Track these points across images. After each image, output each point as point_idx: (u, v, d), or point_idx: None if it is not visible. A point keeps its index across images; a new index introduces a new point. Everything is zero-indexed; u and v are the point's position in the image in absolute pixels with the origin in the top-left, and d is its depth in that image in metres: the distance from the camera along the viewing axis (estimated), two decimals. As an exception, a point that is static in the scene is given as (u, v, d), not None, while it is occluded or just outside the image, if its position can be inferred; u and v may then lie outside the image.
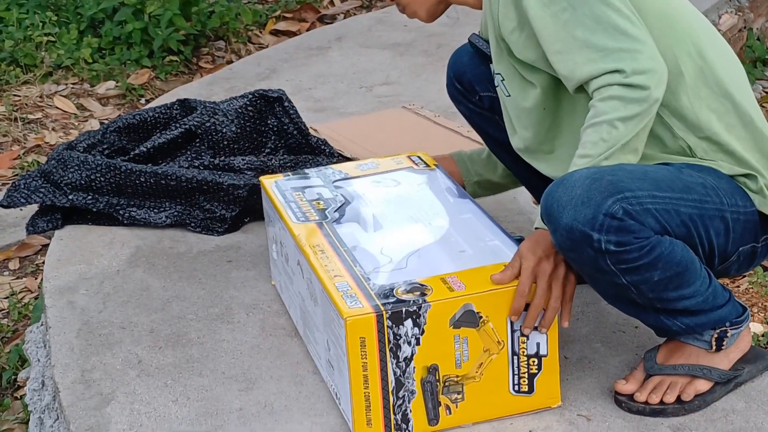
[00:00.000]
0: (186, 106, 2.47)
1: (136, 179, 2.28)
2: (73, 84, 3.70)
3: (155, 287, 2.09)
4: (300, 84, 3.14)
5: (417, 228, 1.79)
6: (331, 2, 4.23)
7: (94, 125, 3.42)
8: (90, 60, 3.74)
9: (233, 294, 2.05)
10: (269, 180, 1.99)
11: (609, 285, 1.60)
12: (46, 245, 2.38)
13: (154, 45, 3.72)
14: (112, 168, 2.29)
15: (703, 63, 1.68)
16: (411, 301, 1.56)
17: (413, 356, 1.58)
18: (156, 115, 2.46)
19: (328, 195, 1.91)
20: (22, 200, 2.34)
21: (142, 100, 3.58)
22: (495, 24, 1.76)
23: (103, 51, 3.81)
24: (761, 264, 1.95)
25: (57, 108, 3.56)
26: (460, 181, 2.12)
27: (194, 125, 2.38)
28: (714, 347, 1.68)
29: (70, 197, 2.30)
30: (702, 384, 1.68)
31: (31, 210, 2.43)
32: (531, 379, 1.64)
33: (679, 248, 1.58)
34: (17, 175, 3.08)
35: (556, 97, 1.74)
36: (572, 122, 1.73)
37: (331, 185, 1.95)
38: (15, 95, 3.59)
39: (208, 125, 2.38)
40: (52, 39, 3.81)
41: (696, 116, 1.66)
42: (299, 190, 1.94)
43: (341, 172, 2.00)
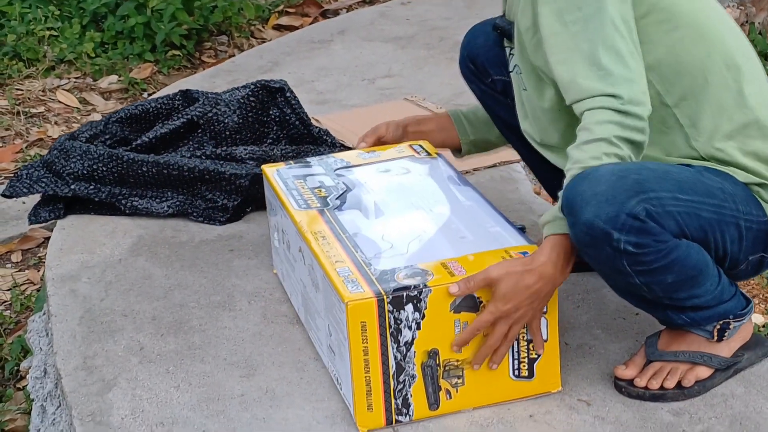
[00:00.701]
0: (188, 97, 2.48)
1: (138, 169, 2.29)
2: (76, 78, 3.70)
3: (157, 276, 2.09)
4: (302, 77, 3.15)
5: (418, 215, 1.79)
6: (334, -3, 4.25)
7: (97, 119, 3.42)
8: (92, 54, 3.75)
9: (235, 282, 2.05)
10: (271, 168, 2.00)
11: (622, 282, 1.60)
12: (49, 238, 2.39)
13: (157, 39, 3.73)
14: (115, 158, 2.29)
15: (731, 75, 1.66)
16: (412, 286, 1.57)
17: (414, 341, 1.58)
18: (158, 106, 2.46)
19: (330, 183, 1.92)
20: (25, 190, 2.34)
21: (145, 95, 3.59)
22: (515, 18, 1.75)
23: (106, 45, 3.81)
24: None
25: (60, 102, 3.56)
26: (456, 140, 2.11)
27: (196, 115, 2.39)
28: (716, 337, 1.68)
29: (73, 187, 2.31)
30: (703, 371, 1.68)
31: (34, 201, 2.44)
32: (531, 364, 1.64)
33: (695, 251, 1.58)
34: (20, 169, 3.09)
35: None
36: None
37: (333, 173, 1.96)
38: (17, 89, 3.59)
39: (210, 115, 2.39)
40: (55, 33, 3.82)
41: (715, 126, 1.65)
42: (301, 178, 1.94)
43: (343, 161, 2.01)
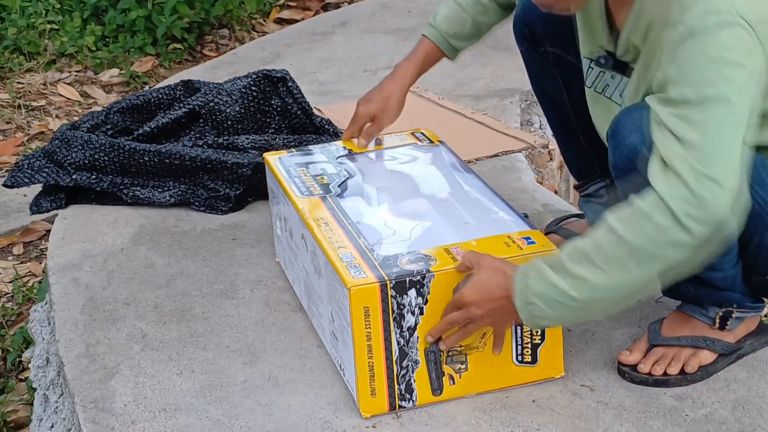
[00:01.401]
0: (189, 87, 2.47)
1: (140, 158, 2.28)
2: (77, 71, 3.70)
3: (159, 264, 2.09)
4: (304, 68, 3.15)
5: (421, 201, 1.79)
6: (335, -9, 4.24)
7: (98, 112, 3.43)
8: (93, 48, 3.75)
9: (237, 271, 2.05)
10: (273, 156, 2.00)
11: None
12: (50, 230, 2.39)
13: (158, 33, 3.73)
14: (116, 147, 2.29)
15: None
16: (415, 271, 1.56)
17: (417, 326, 1.58)
18: (160, 96, 2.46)
19: (332, 170, 1.92)
20: (26, 180, 2.34)
21: (146, 88, 3.58)
22: (644, 63, 1.58)
23: (107, 39, 3.81)
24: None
25: (60, 95, 3.56)
26: (440, 54, 2.05)
27: (198, 105, 2.39)
28: (717, 325, 1.68)
29: (74, 177, 2.31)
30: (706, 356, 1.68)
31: (35, 194, 2.43)
32: (534, 350, 1.64)
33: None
34: (21, 161, 3.08)
35: None
36: None
37: (335, 161, 1.96)
38: (18, 82, 3.59)
39: (212, 105, 2.38)
40: (56, 27, 3.82)
41: None
42: (303, 166, 1.94)
43: (345, 148, 2.01)
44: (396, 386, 1.60)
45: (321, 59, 3.24)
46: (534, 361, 1.65)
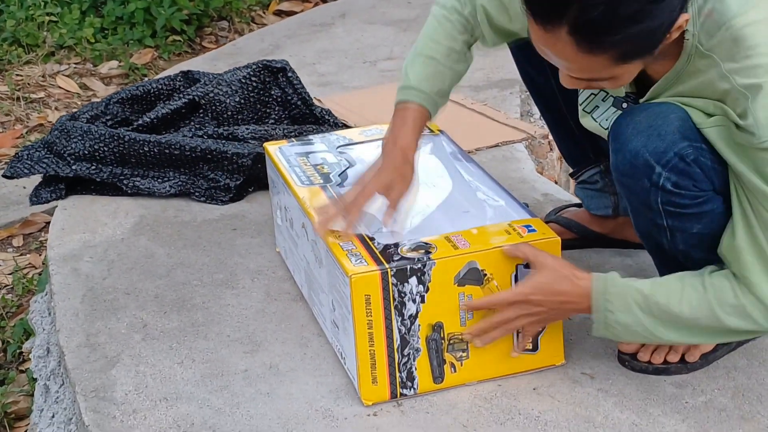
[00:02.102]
0: (189, 78, 2.47)
1: (140, 149, 2.28)
2: (76, 64, 3.70)
3: (160, 254, 2.09)
4: (304, 59, 3.14)
5: (421, 190, 1.79)
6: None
7: (98, 103, 3.43)
8: (92, 40, 3.74)
9: (238, 261, 2.05)
10: (273, 146, 2.00)
11: (648, 222, 1.58)
12: (50, 222, 2.39)
13: (157, 24, 3.72)
14: (116, 138, 2.29)
15: None
16: (416, 259, 1.56)
17: (418, 314, 1.58)
18: (159, 87, 2.46)
19: (332, 160, 1.91)
20: (26, 171, 2.34)
21: (145, 80, 3.58)
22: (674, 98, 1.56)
23: (106, 31, 3.81)
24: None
25: (60, 87, 3.56)
26: (428, 117, 1.77)
27: (198, 96, 2.39)
28: None
29: (74, 167, 2.31)
30: (706, 344, 1.68)
31: (34, 185, 2.43)
32: (535, 338, 1.64)
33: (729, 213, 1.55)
34: (20, 154, 3.08)
35: None
36: None
37: (335, 150, 1.95)
38: (17, 75, 3.59)
39: (212, 96, 2.38)
40: (54, 19, 3.81)
41: None
42: (303, 155, 1.94)
43: (345, 138, 2.01)
44: (397, 374, 1.60)
45: (321, 50, 3.23)
46: (535, 349, 1.65)
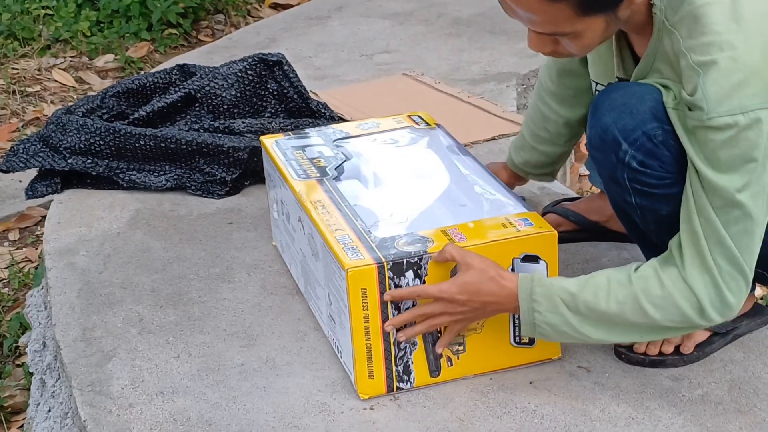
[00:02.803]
0: (185, 71, 2.47)
1: (136, 142, 2.28)
2: (72, 57, 3.69)
3: (156, 248, 2.09)
4: (300, 52, 3.14)
5: (418, 184, 1.79)
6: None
7: (93, 97, 3.42)
8: (88, 33, 3.74)
9: (234, 254, 2.05)
10: (269, 139, 1.99)
11: (619, 198, 1.59)
12: (46, 216, 2.38)
13: (153, 18, 3.71)
14: (112, 131, 2.28)
15: None
16: (412, 253, 1.56)
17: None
18: (155, 80, 2.45)
19: (329, 153, 1.91)
20: (21, 165, 2.33)
21: (141, 73, 3.58)
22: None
23: (102, 24, 3.80)
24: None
25: (55, 81, 3.55)
26: (515, 178, 2.10)
27: (194, 89, 2.38)
28: None
29: (70, 161, 2.30)
30: (699, 333, 1.68)
31: (30, 179, 2.42)
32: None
33: None
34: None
35: None
36: None
37: (332, 144, 1.95)
38: (13, 68, 3.58)
39: (208, 89, 2.38)
40: (50, 12, 3.80)
41: None
42: (299, 149, 1.94)
43: (342, 131, 2.00)
44: (394, 368, 1.60)
45: (317, 44, 3.23)
46: (531, 343, 1.65)
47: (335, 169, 1.84)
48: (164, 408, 1.62)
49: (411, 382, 1.62)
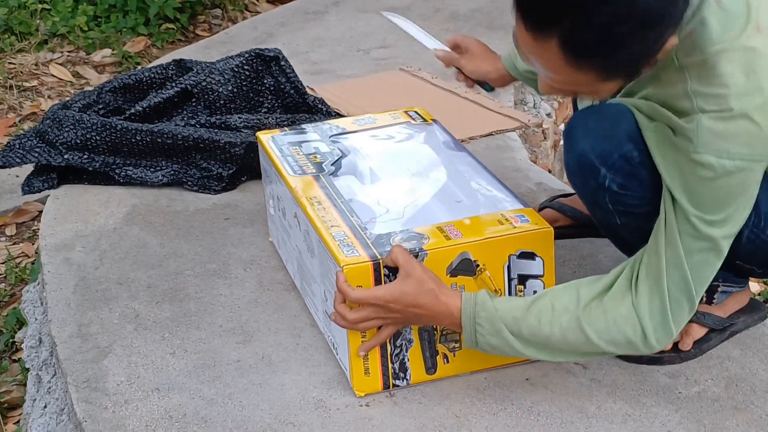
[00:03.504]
0: (182, 66, 2.46)
1: (132, 138, 2.27)
2: (69, 52, 3.68)
3: (152, 244, 2.08)
4: (297, 47, 3.13)
5: (414, 180, 1.78)
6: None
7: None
8: (85, 28, 3.73)
9: (230, 250, 2.05)
10: (266, 135, 1.99)
11: (603, 219, 1.60)
12: (43, 211, 2.38)
13: (150, 12, 3.71)
14: (108, 127, 2.28)
15: None
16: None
17: (410, 304, 1.57)
18: (152, 75, 2.45)
19: (325, 149, 1.91)
20: (18, 160, 2.33)
21: (138, 68, 3.57)
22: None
23: (99, 19, 3.79)
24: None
25: (53, 76, 3.55)
26: (505, 73, 2.01)
27: (190, 84, 2.38)
28: (704, 299, 1.67)
29: (66, 156, 2.30)
30: (696, 330, 1.68)
31: (27, 173, 2.42)
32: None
33: None
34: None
35: None
36: None
37: (328, 140, 1.95)
38: (10, 63, 3.57)
39: (204, 84, 2.37)
40: (47, 7, 3.80)
41: None
42: (296, 145, 1.93)
43: (338, 127, 2.00)
44: (390, 365, 1.60)
45: (314, 39, 3.22)
46: (527, 340, 1.64)
47: (331, 165, 1.84)
48: (160, 404, 1.62)
49: (407, 380, 1.62)
